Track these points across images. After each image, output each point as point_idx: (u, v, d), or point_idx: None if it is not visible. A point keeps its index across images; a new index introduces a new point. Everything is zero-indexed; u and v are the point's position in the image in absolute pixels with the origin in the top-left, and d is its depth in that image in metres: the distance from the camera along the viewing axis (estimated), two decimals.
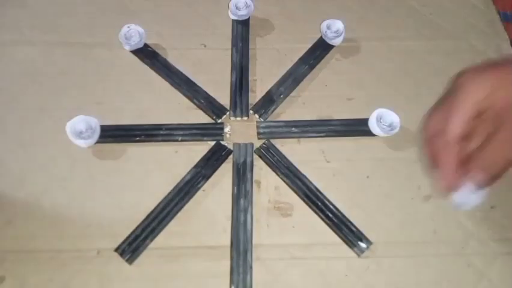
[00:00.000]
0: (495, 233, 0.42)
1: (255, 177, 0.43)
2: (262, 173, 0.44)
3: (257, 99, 0.48)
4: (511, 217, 0.42)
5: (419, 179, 0.44)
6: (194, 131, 0.45)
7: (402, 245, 0.41)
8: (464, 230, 0.42)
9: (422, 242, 0.41)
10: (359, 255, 0.40)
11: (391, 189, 0.44)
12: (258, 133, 0.46)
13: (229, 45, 0.51)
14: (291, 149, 0.45)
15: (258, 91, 0.48)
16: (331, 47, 0.51)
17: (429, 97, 0.48)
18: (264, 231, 0.41)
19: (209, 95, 0.47)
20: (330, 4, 0.55)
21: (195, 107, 0.47)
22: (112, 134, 0.45)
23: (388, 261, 0.40)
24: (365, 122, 0.46)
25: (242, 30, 0.51)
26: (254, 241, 0.40)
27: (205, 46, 0.51)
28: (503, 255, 0.41)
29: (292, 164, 0.44)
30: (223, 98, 0.47)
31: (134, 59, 0.50)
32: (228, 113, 0.47)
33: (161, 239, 0.40)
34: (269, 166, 0.44)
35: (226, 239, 0.40)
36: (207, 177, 0.43)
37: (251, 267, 0.39)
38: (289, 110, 0.47)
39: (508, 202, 0.43)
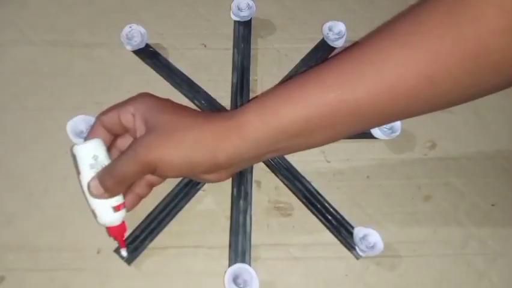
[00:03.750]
0: (495, 233, 0.42)
1: (255, 177, 0.43)
2: (263, 173, 0.44)
3: None
4: (511, 217, 0.42)
5: (419, 179, 0.44)
6: None
7: (402, 245, 0.41)
8: (464, 230, 0.42)
9: (422, 242, 0.41)
10: (357, 258, 0.40)
11: (391, 189, 0.44)
12: None
13: (229, 45, 0.51)
14: None
15: (258, 91, 0.48)
16: (332, 48, 0.51)
17: None
18: (264, 231, 0.41)
19: (210, 96, 0.47)
20: (330, 4, 0.55)
21: (195, 107, 0.47)
22: None
23: (388, 261, 0.40)
24: None
25: (244, 31, 0.51)
26: (254, 241, 0.40)
27: (205, 46, 0.51)
28: (503, 255, 0.41)
29: (292, 166, 0.44)
30: (224, 98, 0.47)
31: (135, 59, 0.50)
32: None
33: (161, 239, 0.40)
34: (269, 167, 0.44)
35: (226, 239, 0.40)
36: None
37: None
38: None
39: (508, 201, 0.43)
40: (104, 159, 0.36)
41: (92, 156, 0.36)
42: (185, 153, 0.35)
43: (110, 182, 0.35)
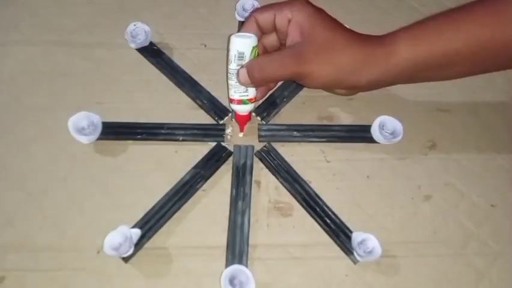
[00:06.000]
0: (495, 233, 0.42)
1: (255, 177, 0.43)
2: (263, 173, 0.44)
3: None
4: (511, 217, 0.42)
5: (419, 179, 0.44)
6: (195, 131, 0.45)
7: (402, 245, 0.41)
8: (464, 230, 0.42)
9: (422, 242, 0.41)
10: (355, 263, 0.40)
11: (391, 189, 0.44)
12: (259, 136, 0.45)
13: None
14: (291, 149, 0.45)
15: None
16: None
17: (430, 97, 0.49)
18: (264, 231, 0.41)
19: (212, 96, 0.47)
20: (330, 5, 0.54)
21: (196, 107, 0.47)
22: (114, 131, 0.45)
23: (388, 261, 0.40)
24: (367, 128, 0.46)
25: None
26: (254, 241, 0.40)
27: (205, 46, 0.51)
28: (503, 255, 0.41)
29: (292, 168, 0.44)
30: (223, 98, 0.47)
31: (135, 59, 0.50)
32: (230, 114, 0.47)
33: (161, 239, 0.40)
34: (269, 169, 0.44)
35: (225, 239, 0.40)
36: (206, 178, 0.43)
37: None
38: (288, 109, 0.47)
39: (508, 201, 0.43)
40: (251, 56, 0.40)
41: (248, 48, 0.39)
42: (334, 73, 0.38)
43: (258, 76, 0.39)
